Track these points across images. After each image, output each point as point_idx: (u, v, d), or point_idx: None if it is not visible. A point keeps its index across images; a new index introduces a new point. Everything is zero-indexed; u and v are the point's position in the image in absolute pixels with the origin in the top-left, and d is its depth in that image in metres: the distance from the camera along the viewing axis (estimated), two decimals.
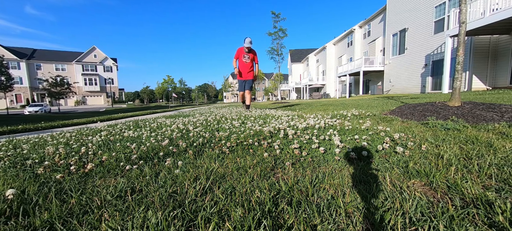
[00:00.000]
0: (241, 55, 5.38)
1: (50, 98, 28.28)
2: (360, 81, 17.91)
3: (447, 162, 1.23)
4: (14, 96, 41.03)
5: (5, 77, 20.60)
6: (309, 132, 2.04)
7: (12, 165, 1.56)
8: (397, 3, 15.43)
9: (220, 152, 1.69)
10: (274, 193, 1.00)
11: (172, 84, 60.11)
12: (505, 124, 2.05)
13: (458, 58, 3.11)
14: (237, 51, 5.46)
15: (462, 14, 3.13)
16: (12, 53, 40.18)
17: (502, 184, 0.97)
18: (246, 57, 5.41)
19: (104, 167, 1.43)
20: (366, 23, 21.17)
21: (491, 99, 4.29)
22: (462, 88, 10.41)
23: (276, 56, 30.24)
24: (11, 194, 0.99)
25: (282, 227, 0.78)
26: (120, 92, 58.68)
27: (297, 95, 40.48)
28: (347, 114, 3.40)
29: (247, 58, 5.42)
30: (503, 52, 9.73)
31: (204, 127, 2.74)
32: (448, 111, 2.84)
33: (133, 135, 2.50)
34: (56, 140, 2.46)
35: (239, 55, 5.41)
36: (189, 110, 10.87)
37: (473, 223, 0.75)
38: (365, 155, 1.40)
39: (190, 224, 0.82)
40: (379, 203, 0.89)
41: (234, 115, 4.02)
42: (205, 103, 68.29)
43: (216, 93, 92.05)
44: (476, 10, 8.60)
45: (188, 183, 1.12)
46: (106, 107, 38.39)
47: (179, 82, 68.13)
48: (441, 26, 11.99)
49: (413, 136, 1.83)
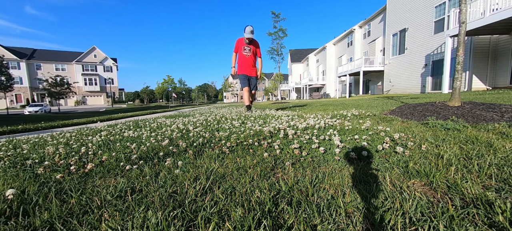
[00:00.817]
0: (241, 48, 4.48)
1: (50, 98, 28.28)
2: (360, 81, 17.91)
3: (447, 162, 1.23)
4: (14, 96, 41.03)
5: (5, 77, 20.61)
6: (309, 132, 2.04)
7: (12, 165, 1.56)
8: (397, 3, 15.43)
9: (220, 152, 1.69)
10: (274, 193, 1.00)
11: (172, 84, 60.09)
12: (505, 124, 2.05)
13: (458, 58, 3.11)
14: (237, 43, 4.52)
15: (462, 14, 3.13)
16: (12, 53, 40.19)
17: (502, 184, 0.97)
18: (247, 49, 4.47)
19: (104, 167, 1.43)
20: (366, 23, 21.16)
21: (491, 99, 4.29)
22: (462, 88, 10.41)
23: (276, 56, 30.21)
24: (11, 194, 0.99)
25: (282, 227, 0.78)
26: (120, 92, 58.68)
27: (297, 95, 40.48)
28: (347, 114, 3.39)
29: (248, 51, 4.50)
30: (503, 52, 9.73)
31: (204, 127, 2.74)
32: (448, 111, 2.84)
33: (133, 135, 2.50)
34: (56, 140, 2.46)
35: (238, 47, 4.51)
36: (189, 110, 10.87)
37: (473, 223, 0.75)
38: (365, 155, 1.40)
39: (190, 224, 0.82)
40: (379, 203, 0.89)
41: (234, 115, 4.02)
42: (205, 103, 68.29)
43: (216, 93, 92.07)
44: (476, 10, 8.60)
45: (188, 183, 1.12)
46: (106, 107, 38.38)
47: (179, 82, 68.10)
48: (441, 26, 11.99)
49: (413, 136, 1.83)
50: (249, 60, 4.56)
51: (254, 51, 4.58)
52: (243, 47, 4.47)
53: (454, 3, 11.22)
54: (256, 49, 4.62)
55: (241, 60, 4.55)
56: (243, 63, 4.56)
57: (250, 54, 4.54)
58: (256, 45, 4.60)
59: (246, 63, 4.56)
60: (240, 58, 4.56)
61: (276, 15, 28.22)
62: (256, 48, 4.61)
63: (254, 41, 4.54)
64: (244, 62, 4.55)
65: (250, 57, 4.55)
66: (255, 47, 4.61)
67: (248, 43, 4.46)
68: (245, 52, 4.49)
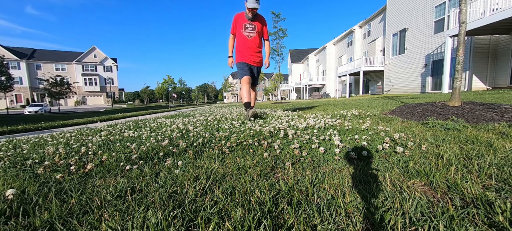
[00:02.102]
0: (241, 26, 3.18)
1: (50, 98, 28.28)
2: (360, 81, 17.91)
3: (447, 162, 1.23)
4: (14, 96, 41.05)
5: (5, 77, 20.62)
6: (309, 132, 2.04)
7: (12, 165, 1.56)
8: (397, 3, 15.43)
9: (220, 152, 1.69)
10: (274, 193, 1.00)
11: (172, 84, 60.10)
12: (505, 124, 2.05)
13: (458, 58, 3.11)
14: (234, 20, 3.23)
15: (462, 14, 3.13)
16: (12, 53, 40.21)
17: (502, 184, 0.97)
18: (250, 28, 3.17)
19: (104, 167, 1.43)
20: (366, 23, 21.17)
21: (491, 99, 4.29)
22: (462, 88, 10.41)
23: (276, 56, 30.22)
24: (11, 194, 0.99)
25: (282, 227, 0.78)
26: (120, 92, 58.72)
27: (297, 95, 40.49)
28: (347, 114, 3.39)
29: (252, 29, 3.18)
30: (503, 52, 9.73)
31: (204, 127, 2.74)
32: (448, 111, 2.84)
33: (133, 135, 2.50)
34: (56, 140, 2.46)
35: (237, 26, 3.22)
36: (189, 110, 10.87)
37: (473, 223, 0.75)
38: (365, 155, 1.40)
39: (190, 224, 0.82)
40: (379, 203, 0.89)
41: (234, 115, 4.02)
42: (205, 103, 68.29)
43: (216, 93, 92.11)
44: (476, 10, 8.60)
45: (188, 183, 1.12)
46: (106, 107, 38.39)
47: (179, 82, 68.13)
48: (441, 26, 11.99)
49: (413, 136, 1.83)
50: (252, 43, 3.24)
51: (259, 30, 3.25)
52: (243, 25, 3.17)
53: (454, 3, 11.23)
54: (263, 28, 3.29)
55: (241, 43, 3.26)
56: (243, 47, 3.25)
57: (254, 35, 3.21)
58: (262, 22, 3.27)
59: (248, 47, 3.24)
60: (240, 41, 3.27)
61: (276, 15, 28.22)
62: (263, 26, 3.29)
63: (259, 16, 3.22)
64: (244, 45, 3.24)
65: (254, 39, 3.23)
66: (262, 25, 3.25)
67: (251, 18, 3.15)
68: (247, 31, 3.19)
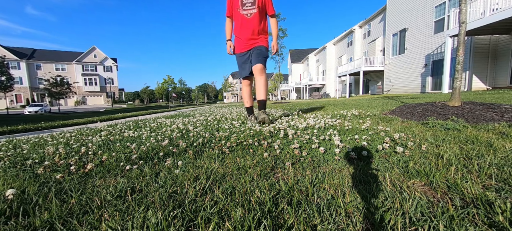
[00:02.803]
0: (237, 4, 2.58)
1: (50, 98, 28.31)
2: (360, 81, 17.92)
3: (447, 162, 1.23)
4: (14, 96, 41.08)
5: (5, 77, 20.63)
6: (309, 132, 2.04)
7: (12, 165, 1.56)
8: (397, 3, 15.43)
9: (220, 152, 1.69)
10: (274, 193, 1.00)
11: (172, 84, 60.14)
12: (505, 124, 2.05)
13: (458, 58, 3.11)
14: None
15: (462, 14, 3.13)
16: (12, 53, 40.24)
17: (502, 184, 0.97)
18: (248, 4, 2.54)
19: (104, 167, 1.43)
20: (366, 23, 21.17)
21: (491, 99, 4.29)
22: (462, 88, 10.41)
23: (276, 56, 30.16)
24: (11, 194, 0.99)
25: (282, 227, 0.78)
26: (120, 92, 58.74)
27: (297, 95, 40.50)
28: (347, 114, 3.39)
29: (251, 5, 2.54)
30: (503, 52, 9.74)
31: (204, 127, 2.74)
32: (448, 111, 2.84)
33: (133, 135, 2.50)
34: (56, 140, 2.46)
35: (231, 4, 2.66)
36: (189, 110, 10.87)
37: (473, 223, 0.75)
38: (365, 155, 1.40)
39: (190, 224, 0.82)
40: (379, 203, 0.89)
41: (234, 115, 4.03)
42: (205, 103, 68.32)
43: (216, 93, 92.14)
44: (476, 10, 8.61)
45: (188, 183, 1.12)
46: (106, 107, 38.40)
47: (179, 82, 68.19)
48: (441, 26, 11.99)
49: (413, 136, 1.83)
50: (252, 23, 2.58)
51: (260, 4, 2.56)
52: (239, 2, 2.56)
53: (454, 3, 11.23)
54: (266, 3, 2.62)
55: (240, 26, 2.63)
56: (242, 30, 2.63)
57: (255, 10, 2.54)
58: None
59: (247, 29, 2.60)
60: (238, 23, 2.64)
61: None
62: (267, 2, 2.62)
63: None
64: (242, 27, 2.62)
65: (254, 17, 2.56)
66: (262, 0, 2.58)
67: None
68: (245, 8, 2.55)
